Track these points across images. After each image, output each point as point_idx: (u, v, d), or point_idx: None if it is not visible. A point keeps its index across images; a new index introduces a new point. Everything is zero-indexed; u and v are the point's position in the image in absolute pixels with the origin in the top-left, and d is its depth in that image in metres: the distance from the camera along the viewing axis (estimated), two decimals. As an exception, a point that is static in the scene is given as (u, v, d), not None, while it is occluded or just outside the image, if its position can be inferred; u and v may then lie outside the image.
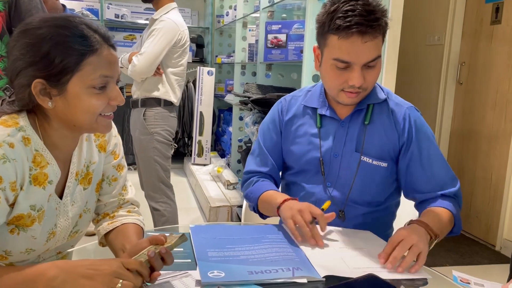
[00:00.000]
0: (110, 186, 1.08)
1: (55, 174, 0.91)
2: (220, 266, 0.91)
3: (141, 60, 2.29)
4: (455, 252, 2.94)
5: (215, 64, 4.88)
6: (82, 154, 0.99)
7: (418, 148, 1.22)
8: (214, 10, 4.88)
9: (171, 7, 2.41)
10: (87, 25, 0.87)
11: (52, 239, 0.94)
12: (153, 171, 2.44)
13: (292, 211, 1.10)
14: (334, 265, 0.96)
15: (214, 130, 4.87)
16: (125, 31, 4.68)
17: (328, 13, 1.11)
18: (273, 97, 2.44)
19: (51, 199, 0.92)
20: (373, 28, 1.08)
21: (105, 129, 0.93)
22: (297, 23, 2.75)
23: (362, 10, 1.07)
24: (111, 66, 0.88)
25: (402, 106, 1.25)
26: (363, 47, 1.09)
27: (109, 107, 0.90)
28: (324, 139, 1.26)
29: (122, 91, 4.68)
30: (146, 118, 2.41)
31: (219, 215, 3.23)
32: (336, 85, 1.17)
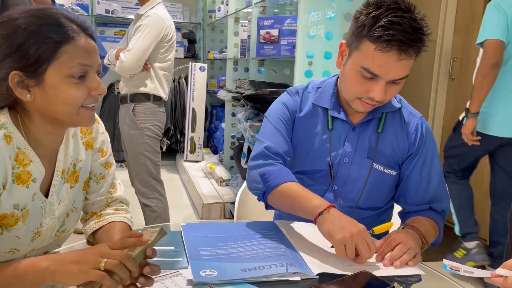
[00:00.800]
0: (98, 184, 1.06)
1: (39, 172, 0.89)
2: (212, 264, 0.90)
3: (128, 56, 2.28)
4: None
5: (207, 60, 4.84)
6: (68, 151, 0.97)
7: (423, 160, 1.21)
8: (206, 5, 4.84)
9: (157, 1, 2.40)
10: (64, 15, 0.85)
11: (37, 238, 0.93)
12: (143, 166, 2.43)
13: (344, 233, 0.94)
14: (327, 262, 0.95)
15: (206, 126, 4.84)
16: (115, 26, 4.63)
17: (371, 16, 1.03)
18: (266, 93, 2.43)
19: (36, 197, 0.90)
20: (414, 49, 1.02)
21: (88, 121, 0.90)
22: (290, 18, 2.73)
23: (408, 26, 1.00)
24: (89, 54, 0.86)
25: (415, 116, 1.24)
26: (397, 64, 1.03)
27: (90, 98, 0.88)
28: (334, 142, 1.22)
29: (113, 88, 4.64)
30: (136, 114, 2.39)
31: (212, 212, 3.22)
32: (356, 92, 1.11)
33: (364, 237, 0.95)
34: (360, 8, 1.08)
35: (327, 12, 2.16)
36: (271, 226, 1.15)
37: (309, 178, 1.26)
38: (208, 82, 4.54)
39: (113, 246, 0.76)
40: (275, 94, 2.34)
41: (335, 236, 0.95)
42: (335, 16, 2.14)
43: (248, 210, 1.50)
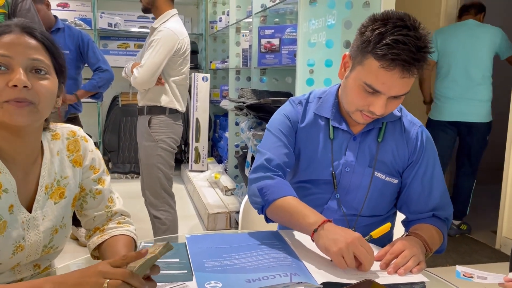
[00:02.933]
0: (95, 200, 1.07)
1: (9, 182, 0.89)
2: (217, 276, 0.91)
3: (141, 72, 2.30)
4: (455, 252, 2.94)
5: (210, 70, 4.88)
6: (52, 168, 0.98)
7: (424, 168, 1.22)
8: (207, 16, 4.89)
9: (171, 14, 2.40)
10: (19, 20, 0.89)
11: (20, 253, 0.92)
12: (156, 178, 2.44)
13: (340, 245, 0.95)
14: (331, 271, 0.95)
15: (210, 136, 4.86)
16: (118, 39, 4.68)
17: (376, 33, 1.03)
18: (268, 102, 2.44)
19: (15, 210, 0.90)
20: (417, 68, 1.04)
21: (11, 118, 0.84)
22: (290, 27, 2.76)
23: (413, 45, 1.01)
24: (11, 47, 0.85)
25: (415, 125, 1.24)
26: (399, 81, 1.04)
27: (9, 91, 0.83)
28: (336, 151, 1.23)
29: (117, 100, 4.67)
30: (151, 126, 2.41)
31: (218, 222, 3.22)
32: (357, 105, 1.12)
33: (361, 244, 0.95)
34: (366, 22, 1.08)
35: (327, 20, 2.18)
36: (275, 236, 1.15)
37: (312, 186, 1.27)
38: (211, 92, 4.56)
39: (114, 264, 0.75)
40: (278, 103, 2.35)
41: (331, 249, 0.96)
42: (336, 23, 2.16)
43: (253, 219, 1.50)
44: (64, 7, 4.52)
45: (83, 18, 4.51)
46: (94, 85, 2.83)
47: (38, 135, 0.96)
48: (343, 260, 0.94)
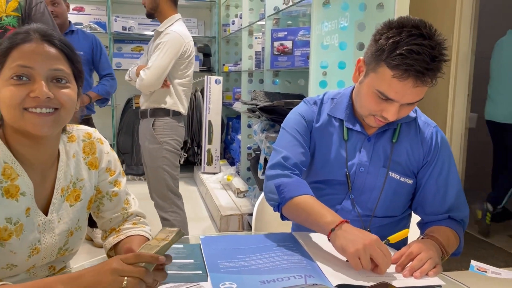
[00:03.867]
0: (111, 202, 1.08)
1: (27, 185, 0.91)
2: (231, 277, 0.91)
3: (148, 74, 2.32)
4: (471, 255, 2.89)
5: (223, 73, 4.90)
6: (68, 170, 0.99)
7: (439, 169, 1.21)
8: (220, 19, 4.91)
9: (175, 18, 2.43)
10: (36, 26, 0.90)
11: (35, 255, 0.93)
12: (162, 180, 2.45)
13: (357, 246, 0.94)
14: (346, 274, 0.95)
15: (223, 138, 4.88)
16: (132, 42, 4.73)
17: (391, 42, 1.03)
18: (281, 104, 2.44)
19: (32, 213, 0.92)
20: (430, 77, 1.03)
21: (34, 128, 0.85)
22: (303, 29, 2.76)
23: (427, 55, 1.00)
24: (33, 57, 0.86)
25: (430, 125, 1.24)
26: (412, 90, 1.04)
27: (30, 100, 0.84)
28: (350, 152, 1.23)
29: (131, 103, 4.72)
30: (155, 128, 2.43)
31: (230, 224, 3.22)
32: (370, 110, 1.13)
33: (378, 246, 0.95)
34: (381, 29, 1.08)
35: (340, 22, 2.17)
36: (289, 238, 1.15)
37: (326, 187, 1.27)
38: (223, 94, 4.58)
39: (127, 260, 0.74)
40: (290, 105, 2.35)
41: (348, 249, 0.95)
42: (349, 25, 2.15)
43: (266, 221, 1.50)
44: (79, 11, 4.58)
45: (98, 21, 4.57)
46: (107, 90, 2.88)
47: (57, 140, 0.97)
48: (359, 261, 0.94)
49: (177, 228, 0.81)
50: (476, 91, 3.54)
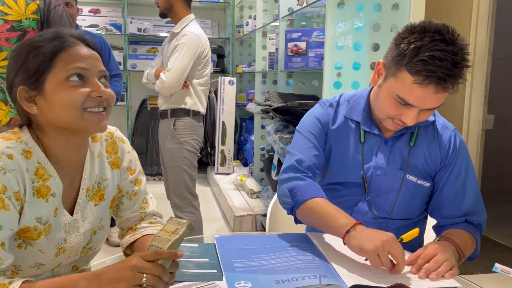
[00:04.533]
0: (130, 201, 1.09)
1: (58, 186, 0.92)
2: (246, 276, 0.92)
3: (169, 76, 2.34)
4: (487, 259, 2.86)
5: (236, 74, 4.91)
6: (93, 170, 1.00)
7: (457, 172, 1.20)
8: (234, 20, 4.93)
9: (190, 19, 2.45)
10: (67, 30, 0.92)
11: (61, 254, 0.95)
12: (181, 180, 2.47)
13: (375, 243, 0.94)
14: (361, 274, 0.95)
15: (236, 139, 4.89)
16: (147, 44, 4.77)
17: (412, 46, 1.01)
18: (294, 105, 2.44)
19: (58, 213, 0.93)
20: (452, 84, 1.02)
21: (96, 126, 0.90)
22: (317, 30, 2.75)
23: (450, 62, 0.98)
24: (85, 59, 0.89)
25: (448, 129, 1.23)
26: (433, 96, 1.03)
27: (91, 101, 0.89)
28: (366, 155, 1.23)
29: (145, 104, 4.77)
30: (176, 128, 2.45)
31: (243, 224, 3.23)
32: (389, 114, 1.12)
33: (395, 243, 0.95)
34: (403, 33, 1.06)
35: (354, 23, 2.16)
36: (303, 238, 1.15)
37: (343, 188, 1.27)
38: (237, 95, 4.59)
39: (146, 257, 0.77)
40: (304, 106, 2.35)
41: (367, 248, 0.95)
42: (363, 26, 2.14)
43: (280, 222, 1.50)
44: (95, 13, 4.64)
45: (114, 23, 4.62)
46: (118, 91, 2.93)
47: (88, 140, 1.00)
48: (379, 259, 0.93)
49: (186, 221, 0.81)
50: (493, 92, 3.49)
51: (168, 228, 0.82)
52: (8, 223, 0.82)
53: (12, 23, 1.55)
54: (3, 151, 0.83)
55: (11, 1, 1.55)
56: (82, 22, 4.53)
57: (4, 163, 0.83)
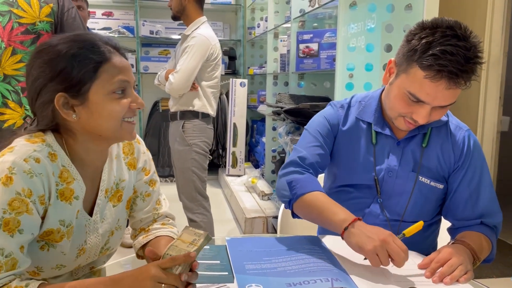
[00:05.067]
0: (144, 202, 1.09)
1: (81, 189, 0.93)
2: (258, 279, 0.91)
3: (177, 77, 2.36)
4: (502, 263, 2.81)
5: (248, 76, 4.92)
6: (112, 172, 1.01)
7: (472, 174, 1.18)
8: (246, 22, 4.93)
9: (201, 21, 2.46)
10: (98, 37, 0.91)
11: (82, 255, 0.96)
12: (191, 182, 2.48)
13: (374, 243, 0.94)
14: (374, 278, 0.94)
15: (247, 141, 4.89)
16: (160, 46, 4.81)
17: (424, 42, 1.00)
18: (306, 107, 2.43)
19: (79, 215, 0.94)
20: (464, 79, 1.00)
21: (130, 135, 0.94)
22: (329, 31, 2.74)
23: (462, 57, 0.97)
24: (125, 71, 0.91)
25: (462, 129, 1.21)
26: (445, 92, 1.01)
27: (130, 112, 0.92)
28: (378, 156, 1.21)
29: (157, 105, 4.80)
30: (185, 130, 2.46)
31: (255, 226, 3.23)
32: (400, 112, 1.10)
33: (394, 241, 0.94)
34: (414, 29, 1.05)
35: (367, 24, 2.14)
36: (315, 241, 1.14)
37: (354, 190, 1.25)
38: (248, 97, 4.60)
39: (163, 265, 0.78)
40: (316, 108, 2.34)
41: (366, 247, 0.94)
42: (376, 27, 2.12)
43: (291, 224, 1.50)
44: (108, 15, 4.69)
45: (126, 26, 4.67)
46: None
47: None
48: (378, 258, 0.93)
49: (204, 232, 0.82)
50: (509, 93, 3.43)
51: (185, 238, 0.83)
52: (30, 228, 0.83)
53: (26, 26, 1.57)
54: (30, 155, 0.84)
55: (25, 4, 1.57)
56: (95, 25, 4.58)
57: (32, 166, 0.83)
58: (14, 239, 0.80)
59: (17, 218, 0.80)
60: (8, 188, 0.80)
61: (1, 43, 1.55)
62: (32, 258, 0.88)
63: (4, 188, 0.79)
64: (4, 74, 1.57)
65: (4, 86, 1.57)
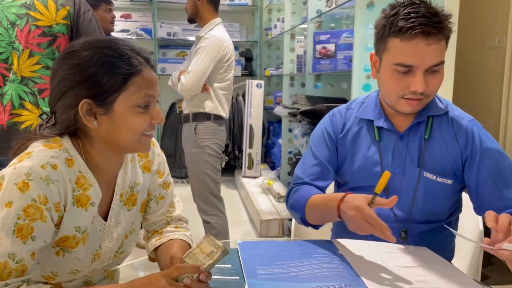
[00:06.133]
0: (157, 205, 1.09)
1: (97, 195, 0.92)
2: (269, 284, 0.89)
3: (188, 78, 2.36)
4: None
5: (264, 77, 4.90)
6: (126, 175, 1.00)
7: (489, 162, 1.13)
8: (262, 23, 4.92)
9: (216, 23, 2.46)
10: (130, 47, 0.90)
11: (97, 260, 0.96)
12: (204, 184, 2.48)
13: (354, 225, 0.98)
14: (388, 283, 0.91)
15: (264, 142, 4.88)
16: (177, 48, 4.83)
17: (388, 16, 1.08)
18: (322, 108, 2.40)
19: (95, 221, 0.93)
20: (438, 30, 1.03)
21: (147, 148, 0.95)
22: (346, 32, 2.70)
23: (426, 12, 1.03)
24: (153, 85, 0.90)
25: (464, 119, 1.17)
26: (427, 49, 1.04)
27: (150, 126, 0.92)
28: (383, 153, 1.19)
29: (174, 107, 4.82)
30: (197, 132, 2.46)
31: (270, 228, 3.21)
32: (397, 90, 1.10)
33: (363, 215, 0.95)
34: (378, 17, 1.13)
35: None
36: (329, 245, 1.12)
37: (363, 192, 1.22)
38: (265, 98, 4.58)
39: (172, 275, 0.79)
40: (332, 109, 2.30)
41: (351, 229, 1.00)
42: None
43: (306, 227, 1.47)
44: (127, 18, 4.75)
45: (144, 28, 4.71)
46: None
47: None
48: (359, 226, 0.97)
49: (222, 245, 0.82)
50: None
51: (203, 248, 0.83)
52: (43, 235, 0.82)
53: (43, 29, 1.59)
54: (48, 161, 0.83)
55: (42, 7, 1.59)
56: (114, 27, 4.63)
57: (49, 173, 0.83)
58: (26, 245, 0.79)
59: (31, 224, 0.80)
60: (24, 194, 0.79)
61: (19, 45, 1.57)
62: (47, 263, 0.89)
63: (20, 194, 0.79)
64: (21, 76, 1.59)
65: (21, 88, 1.59)
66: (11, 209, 0.78)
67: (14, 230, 0.78)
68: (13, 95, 1.59)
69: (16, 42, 1.57)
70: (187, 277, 0.78)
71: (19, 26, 1.57)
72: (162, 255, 1.02)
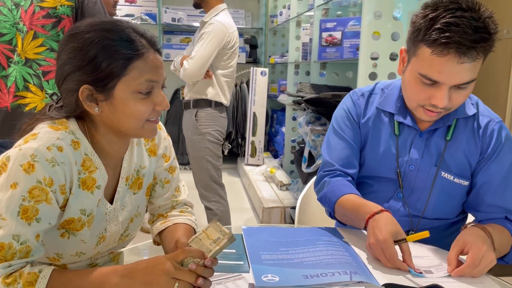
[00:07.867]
0: (163, 189, 1.08)
1: (103, 179, 0.92)
2: (274, 269, 0.89)
3: (191, 64, 2.34)
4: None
5: (269, 65, 4.87)
6: (132, 159, 0.99)
7: (499, 166, 1.11)
8: (268, 10, 4.87)
9: (221, 8, 2.43)
10: (134, 29, 0.86)
11: (102, 243, 0.95)
12: (205, 170, 2.48)
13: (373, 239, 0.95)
14: (393, 273, 0.91)
15: (267, 130, 4.86)
16: (181, 34, 4.80)
17: (426, 19, 0.97)
18: (327, 97, 2.38)
19: (100, 204, 0.93)
20: (476, 50, 0.93)
21: (151, 134, 0.92)
22: (353, 19, 2.67)
23: (468, 26, 0.92)
24: (157, 70, 0.86)
25: (493, 120, 1.13)
26: (458, 68, 0.95)
27: (154, 113, 0.89)
28: (401, 148, 1.16)
29: (178, 93, 4.80)
30: (198, 119, 2.45)
31: (272, 216, 3.21)
32: (417, 99, 1.05)
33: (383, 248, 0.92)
34: (418, 11, 1.01)
35: (393, 12, 2.08)
36: (333, 232, 1.12)
37: (375, 183, 1.22)
38: (269, 86, 4.56)
39: (177, 258, 0.78)
40: (337, 98, 2.29)
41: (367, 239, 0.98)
42: (402, 15, 2.06)
43: (309, 215, 1.47)
44: (131, 2, 4.70)
45: (149, 13, 4.67)
46: None
47: None
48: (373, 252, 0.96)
49: (229, 232, 0.81)
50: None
51: (210, 233, 0.82)
52: (48, 217, 0.82)
53: (47, 10, 1.57)
54: (53, 143, 0.82)
55: (47, -13, 1.57)
56: (118, 11, 4.58)
57: (54, 155, 0.82)
58: (31, 227, 0.79)
59: (36, 206, 0.79)
60: (29, 176, 0.79)
61: (23, 26, 1.56)
62: (52, 245, 0.89)
63: (25, 175, 0.78)
64: (25, 58, 1.58)
65: (25, 70, 1.58)
66: (16, 190, 0.78)
67: (19, 211, 0.78)
68: (17, 77, 1.58)
69: (20, 23, 1.56)
70: (192, 262, 0.77)
71: (23, 7, 1.56)
72: (167, 239, 1.02)
